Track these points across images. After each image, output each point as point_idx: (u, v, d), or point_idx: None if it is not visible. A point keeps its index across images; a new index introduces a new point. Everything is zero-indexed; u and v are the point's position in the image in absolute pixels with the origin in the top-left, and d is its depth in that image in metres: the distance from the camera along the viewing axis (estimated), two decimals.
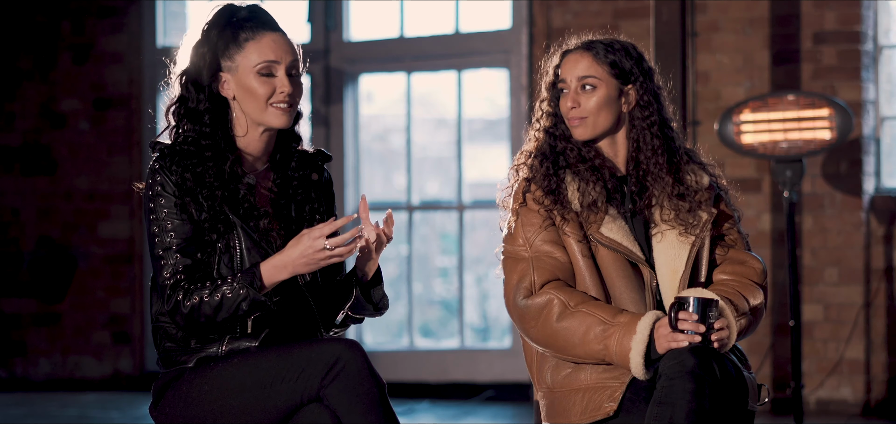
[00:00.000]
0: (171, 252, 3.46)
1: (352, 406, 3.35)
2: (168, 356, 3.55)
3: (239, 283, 3.43)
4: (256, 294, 3.43)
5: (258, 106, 3.54)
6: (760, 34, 7.31)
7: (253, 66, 3.54)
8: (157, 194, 3.48)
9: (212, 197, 3.49)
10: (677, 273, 3.71)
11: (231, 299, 3.43)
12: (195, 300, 3.44)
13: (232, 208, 3.51)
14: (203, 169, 3.49)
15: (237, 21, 3.57)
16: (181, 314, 3.44)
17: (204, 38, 3.58)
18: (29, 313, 8.55)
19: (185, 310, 3.43)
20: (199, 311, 3.43)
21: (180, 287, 3.45)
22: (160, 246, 3.47)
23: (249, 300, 3.43)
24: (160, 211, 3.48)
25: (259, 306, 3.44)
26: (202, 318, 3.44)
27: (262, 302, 3.44)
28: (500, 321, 8.42)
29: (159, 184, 3.48)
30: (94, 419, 7.32)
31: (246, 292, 3.43)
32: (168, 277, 3.45)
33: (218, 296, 3.43)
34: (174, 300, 3.44)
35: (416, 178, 8.42)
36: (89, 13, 8.44)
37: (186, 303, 3.44)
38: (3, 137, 8.57)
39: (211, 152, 3.51)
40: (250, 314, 3.46)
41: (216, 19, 3.58)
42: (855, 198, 7.20)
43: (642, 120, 3.77)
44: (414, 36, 8.24)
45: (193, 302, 3.43)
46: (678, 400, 3.42)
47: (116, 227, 8.43)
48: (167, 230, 3.47)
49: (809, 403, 7.21)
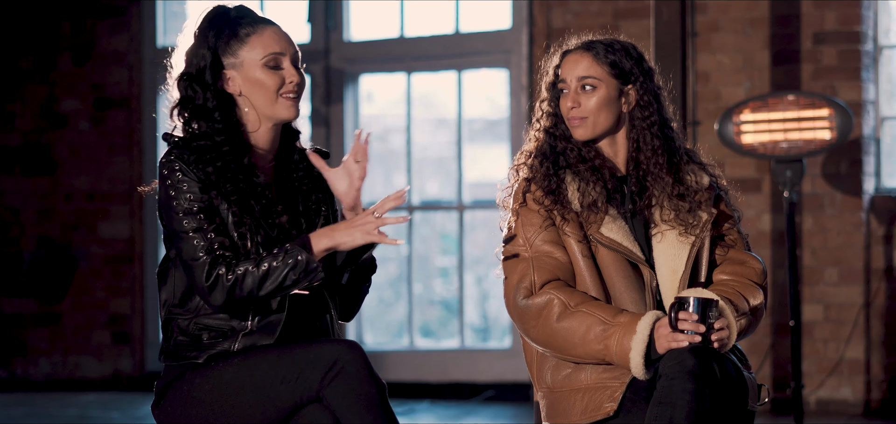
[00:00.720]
0: (204, 233, 3.42)
1: (351, 406, 3.35)
2: (178, 350, 3.53)
3: (287, 252, 3.39)
4: (308, 256, 3.39)
5: (268, 98, 3.55)
6: (760, 34, 7.31)
7: (259, 59, 3.54)
8: (178, 180, 3.44)
9: (237, 191, 3.48)
10: (677, 273, 3.71)
11: (278, 268, 3.39)
12: (240, 271, 3.39)
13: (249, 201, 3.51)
14: (223, 164, 3.48)
15: (234, 18, 3.57)
16: (222, 286, 3.39)
17: (201, 39, 3.57)
18: (29, 313, 8.56)
19: (228, 282, 3.39)
20: (243, 283, 3.39)
21: (223, 260, 3.40)
22: (190, 226, 3.42)
23: (301, 268, 3.38)
24: (182, 197, 3.44)
25: (312, 272, 3.40)
26: (244, 292, 3.39)
27: (314, 268, 3.40)
28: (500, 321, 8.42)
29: (180, 171, 3.45)
30: (95, 419, 7.33)
31: (296, 259, 3.38)
32: (203, 253, 3.40)
33: (264, 266, 3.39)
34: (215, 273, 3.39)
35: (416, 178, 8.42)
36: (89, 13, 8.45)
37: (229, 276, 3.39)
38: (4, 137, 8.57)
39: (228, 147, 3.50)
40: (298, 284, 3.41)
41: (210, 20, 3.58)
42: (855, 198, 7.20)
43: (642, 120, 3.77)
44: (414, 36, 8.24)
45: (238, 273, 3.39)
46: (678, 400, 3.42)
47: (117, 227, 8.43)
48: (196, 212, 3.43)
49: (809, 403, 7.22)
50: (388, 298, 8.59)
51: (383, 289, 8.58)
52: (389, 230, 3.57)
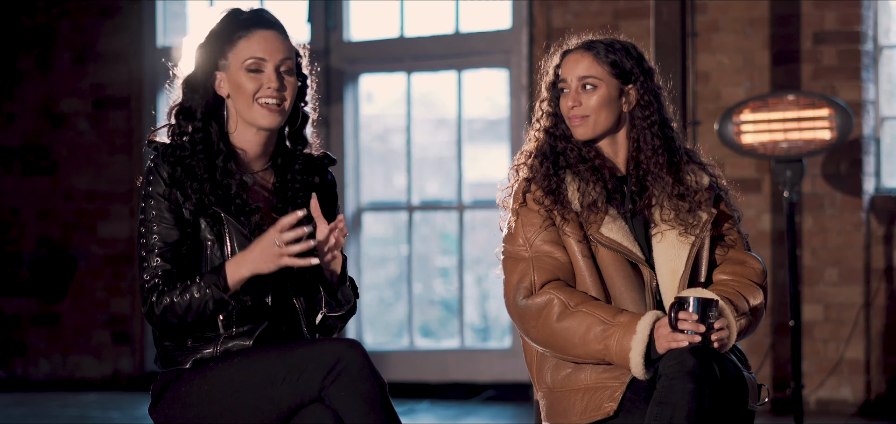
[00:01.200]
0: (153, 255, 3.48)
1: (353, 406, 3.35)
2: (166, 355, 3.55)
3: (205, 282, 3.44)
4: (220, 294, 3.43)
5: (246, 102, 3.55)
6: (760, 34, 7.31)
7: (242, 62, 3.55)
8: (148, 195, 3.51)
9: (200, 190, 3.50)
10: (677, 273, 3.71)
11: (198, 299, 3.44)
12: (166, 302, 3.45)
13: (223, 203, 3.51)
14: (195, 162, 3.51)
15: (238, 22, 3.58)
16: (155, 315, 3.47)
17: (206, 40, 3.60)
18: (29, 313, 8.55)
19: (158, 312, 3.46)
20: (170, 312, 3.45)
21: (155, 289, 3.47)
22: (144, 248, 3.49)
23: (213, 299, 3.43)
24: (149, 212, 3.50)
25: (223, 305, 3.45)
26: (174, 319, 3.46)
27: (224, 301, 3.44)
28: (500, 321, 8.42)
29: (151, 184, 3.50)
30: (94, 419, 7.32)
31: (211, 292, 3.43)
32: (147, 279, 3.48)
33: (187, 297, 3.45)
34: (149, 302, 3.47)
35: (416, 178, 8.42)
36: (89, 13, 8.44)
37: (159, 305, 3.46)
38: (3, 137, 8.57)
39: (202, 146, 3.53)
40: (217, 314, 3.47)
41: (219, 22, 3.61)
42: (855, 198, 7.20)
43: (643, 120, 3.77)
44: (414, 36, 8.24)
45: (164, 304, 3.45)
46: (678, 400, 3.42)
47: (116, 227, 8.43)
48: (152, 232, 3.49)
49: (809, 403, 7.22)
50: (388, 298, 8.59)
51: (383, 289, 8.58)
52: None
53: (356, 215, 8.30)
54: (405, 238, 8.36)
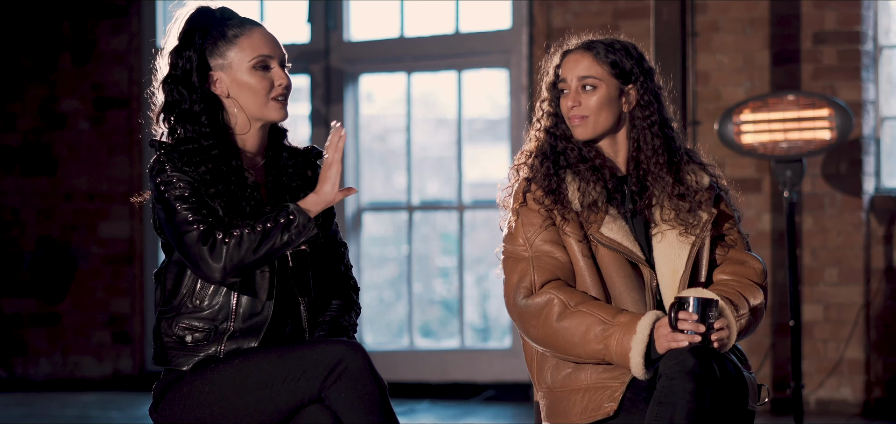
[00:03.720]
0: (197, 209, 3.41)
1: (353, 407, 3.35)
2: (165, 353, 3.53)
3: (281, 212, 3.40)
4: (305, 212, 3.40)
5: (258, 101, 3.54)
6: (760, 34, 7.31)
7: (248, 61, 3.54)
8: (169, 177, 3.44)
9: (227, 193, 3.47)
10: (677, 273, 3.71)
11: (271, 228, 3.38)
12: (236, 234, 3.38)
13: (237, 207, 3.50)
14: (214, 167, 3.48)
15: (220, 19, 3.56)
16: (219, 250, 3.37)
17: (185, 42, 3.54)
18: (29, 313, 8.56)
19: (226, 244, 3.37)
20: (241, 244, 3.37)
21: (220, 226, 3.40)
22: (183, 207, 3.41)
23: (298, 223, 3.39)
24: (179, 183, 3.43)
25: (305, 229, 3.40)
26: (242, 252, 3.37)
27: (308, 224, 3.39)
28: (500, 321, 8.42)
29: (170, 168, 3.44)
30: (94, 419, 7.32)
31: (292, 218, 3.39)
32: (199, 224, 3.39)
33: (259, 227, 3.39)
34: (212, 237, 3.38)
35: (416, 178, 8.42)
36: (89, 13, 8.45)
37: (226, 238, 3.38)
38: (4, 137, 8.57)
39: (217, 151, 3.50)
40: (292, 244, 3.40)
41: (195, 22, 3.55)
42: (855, 198, 7.20)
43: (643, 120, 3.78)
44: (414, 36, 8.24)
45: (235, 237, 3.37)
46: (678, 400, 3.42)
47: (116, 227, 8.43)
48: (189, 197, 3.43)
49: (809, 403, 7.22)
50: (388, 298, 8.59)
51: (383, 289, 8.58)
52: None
53: (356, 215, 8.30)
54: (405, 238, 8.36)
